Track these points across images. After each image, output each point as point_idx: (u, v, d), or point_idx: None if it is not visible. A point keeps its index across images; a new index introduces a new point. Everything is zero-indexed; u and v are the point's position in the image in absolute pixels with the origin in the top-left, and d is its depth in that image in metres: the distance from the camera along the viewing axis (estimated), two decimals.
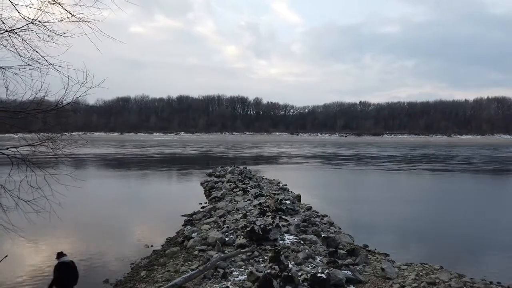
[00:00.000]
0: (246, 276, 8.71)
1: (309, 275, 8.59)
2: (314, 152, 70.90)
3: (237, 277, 8.93)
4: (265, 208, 15.89)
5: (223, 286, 8.38)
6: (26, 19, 5.39)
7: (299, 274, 8.77)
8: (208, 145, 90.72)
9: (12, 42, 5.46)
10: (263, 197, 19.05)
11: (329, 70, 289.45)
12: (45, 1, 5.40)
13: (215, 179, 27.23)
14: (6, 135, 6.00)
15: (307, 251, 10.44)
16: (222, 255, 10.03)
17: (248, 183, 24.30)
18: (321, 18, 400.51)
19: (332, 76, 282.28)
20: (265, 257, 10.15)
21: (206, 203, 20.14)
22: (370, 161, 50.74)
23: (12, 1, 5.34)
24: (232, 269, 9.45)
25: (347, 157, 58.62)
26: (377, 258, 10.99)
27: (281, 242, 11.48)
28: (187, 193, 23.96)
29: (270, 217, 14.48)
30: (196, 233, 12.94)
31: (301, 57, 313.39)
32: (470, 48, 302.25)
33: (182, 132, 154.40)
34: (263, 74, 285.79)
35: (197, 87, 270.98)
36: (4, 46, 5.51)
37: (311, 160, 51.82)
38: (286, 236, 12.11)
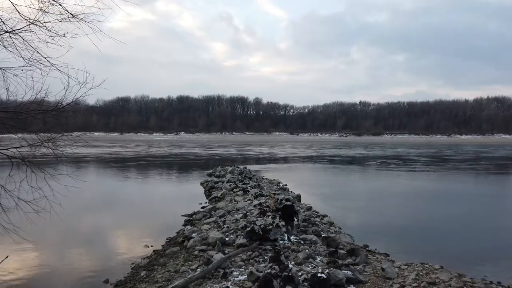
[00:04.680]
0: (246, 276, 8.72)
1: (309, 275, 8.59)
2: (314, 152, 70.93)
3: (237, 277, 8.94)
4: (265, 208, 15.90)
5: (224, 286, 8.39)
6: (27, 20, 5.38)
7: (299, 274, 8.78)
8: (208, 145, 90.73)
9: (13, 43, 5.46)
10: (263, 197, 19.05)
11: (318, 67, 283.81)
12: (45, 1, 5.39)
13: (215, 179, 27.23)
14: (6, 135, 5.99)
15: (307, 251, 10.45)
16: (224, 256, 10.02)
17: (248, 183, 24.30)
18: (301, 6, 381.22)
19: (321, 73, 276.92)
20: (265, 257, 10.16)
21: (206, 203, 20.15)
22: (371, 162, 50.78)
23: (12, 1, 5.34)
24: (232, 269, 9.46)
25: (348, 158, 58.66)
26: (377, 258, 11.00)
27: (281, 242, 11.49)
28: (187, 193, 23.96)
29: (270, 217, 14.48)
30: (196, 233, 12.95)
31: (289, 55, 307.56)
32: (465, 41, 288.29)
33: (182, 132, 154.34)
34: (254, 72, 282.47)
35: (186, 86, 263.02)
36: (5, 47, 5.50)
37: (311, 160, 51.84)
38: (286, 236, 12.10)
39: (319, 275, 8.39)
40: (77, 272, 10.30)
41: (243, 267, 9.59)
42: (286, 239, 11.67)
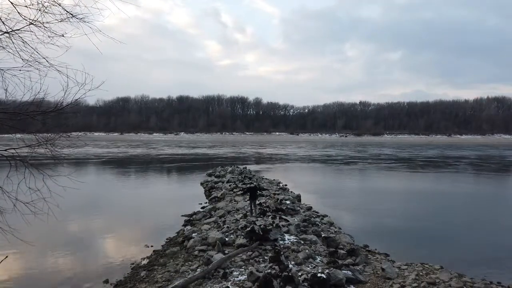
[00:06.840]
0: (246, 276, 8.71)
1: (309, 275, 8.59)
2: (315, 152, 70.87)
3: (237, 277, 8.93)
4: (265, 208, 15.90)
5: (223, 286, 8.38)
6: (26, 20, 5.36)
7: (299, 274, 8.77)
8: (208, 145, 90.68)
9: (13, 43, 5.44)
10: (263, 197, 19.04)
11: (313, 66, 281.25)
12: (45, 1, 5.37)
13: (215, 179, 27.22)
14: (5, 135, 5.98)
15: (307, 251, 10.44)
16: (224, 256, 10.01)
17: (248, 183, 24.27)
18: (292, 1, 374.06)
19: (317, 72, 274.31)
20: (265, 257, 10.15)
21: (206, 203, 20.14)
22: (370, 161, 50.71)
23: (12, 1, 5.32)
24: (232, 269, 9.45)
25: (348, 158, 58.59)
26: (377, 258, 10.98)
27: (281, 242, 11.48)
28: (187, 193, 23.94)
29: (270, 217, 14.48)
30: (196, 233, 12.94)
31: (283, 53, 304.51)
32: (461, 37, 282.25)
33: (182, 132, 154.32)
34: (250, 71, 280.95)
35: (183, 85, 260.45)
36: (3, 47, 5.48)
37: (310, 160, 51.80)
38: (286, 236, 12.10)
39: (319, 275, 8.38)
40: (76, 273, 10.29)
41: (243, 267, 9.58)
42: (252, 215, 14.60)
